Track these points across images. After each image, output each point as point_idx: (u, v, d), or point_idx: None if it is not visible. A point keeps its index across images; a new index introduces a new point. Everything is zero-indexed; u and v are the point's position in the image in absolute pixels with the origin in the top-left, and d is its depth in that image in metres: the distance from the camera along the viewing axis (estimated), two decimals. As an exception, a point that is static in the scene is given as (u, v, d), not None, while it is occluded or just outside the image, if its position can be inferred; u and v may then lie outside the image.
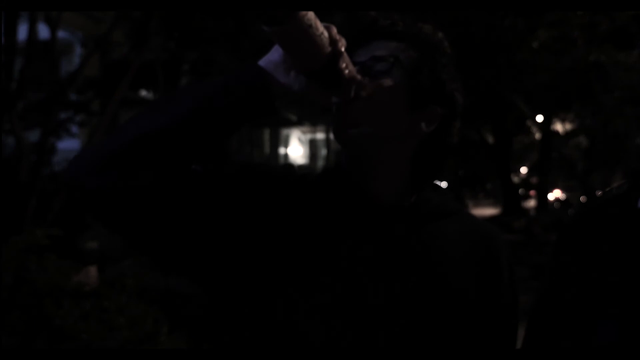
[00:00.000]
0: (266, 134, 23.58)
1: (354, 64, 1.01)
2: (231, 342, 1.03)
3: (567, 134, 24.78)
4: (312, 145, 28.37)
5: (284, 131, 25.54)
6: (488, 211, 26.96)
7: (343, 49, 0.96)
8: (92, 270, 3.94)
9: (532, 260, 12.26)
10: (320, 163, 25.67)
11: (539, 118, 21.57)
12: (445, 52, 1.10)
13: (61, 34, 7.65)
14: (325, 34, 0.95)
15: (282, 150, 25.71)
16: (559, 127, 24.12)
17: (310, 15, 0.93)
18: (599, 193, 1.18)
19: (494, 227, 1.16)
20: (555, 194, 29.65)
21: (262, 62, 0.98)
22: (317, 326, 0.98)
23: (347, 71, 0.97)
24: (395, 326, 1.01)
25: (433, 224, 1.09)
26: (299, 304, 0.98)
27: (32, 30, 6.08)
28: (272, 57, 0.98)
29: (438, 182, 1.18)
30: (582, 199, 22.76)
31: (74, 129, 9.27)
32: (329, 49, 0.94)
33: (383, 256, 1.03)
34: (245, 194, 1.02)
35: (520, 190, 27.05)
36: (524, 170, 34.78)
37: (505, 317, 1.11)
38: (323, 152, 26.15)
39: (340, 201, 1.05)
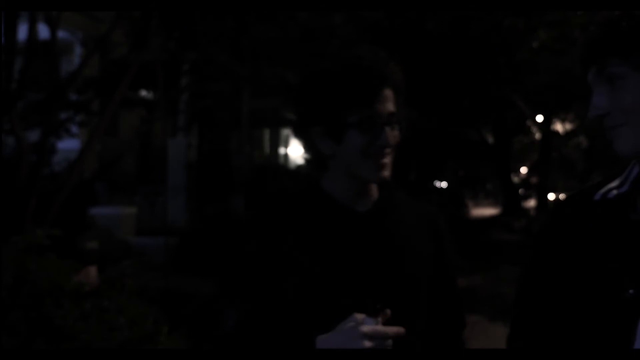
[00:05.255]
0: (266, 134, 23.57)
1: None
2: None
3: (567, 134, 24.77)
4: (312, 145, 28.28)
5: (284, 131, 25.52)
6: (488, 211, 26.98)
7: None
8: (92, 270, 3.93)
9: (532, 260, 12.17)
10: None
11: (539, 118, 21.57)
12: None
13: (61, 34, 7.64)
14: None
15: (282, 150, 25.69)
16: (559, 127, 24.12)
17: None
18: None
19: (432, 207, 1.58)
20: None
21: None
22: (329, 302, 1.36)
23: None
24: (384, 290, 1.39)
25: (392, 215, 1.47)
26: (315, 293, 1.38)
27: (32, 30, 6.08)
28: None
29: (438, 182, 1.40)
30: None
31: (74, 129, 9.25)
32: None
33: (366, 247, 1.41)
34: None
35: (520, 190, 27.04)
36: (524, 170, 34.80)
37: (452, 267, 1.54)
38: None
39: (326, 216, 1.43)
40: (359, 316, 1.27)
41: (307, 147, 1.46)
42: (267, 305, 1.37)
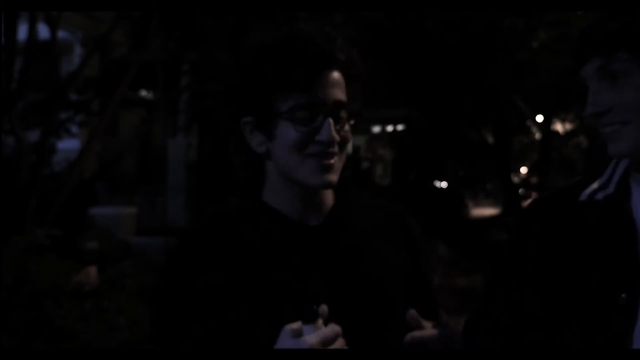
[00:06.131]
0: (266, 134, 23.58)
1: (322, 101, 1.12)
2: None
3: (567, 134, 24.77)
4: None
5: (284, 131, 25.53)
6: (488, 211, 26.97)
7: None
8: (92, 270, 3.94)
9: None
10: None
11: (539, 118, 21.57)
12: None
13: (61, 34, 7.63)
14: None
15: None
16: (559, 127, 24.11)
17: None
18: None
19: (398, 205, 1.32)
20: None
21: None
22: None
23: None
24: (344, 307, 1.12)
25: (351, 224, 1.21)
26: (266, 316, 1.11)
27: (32, 30, 6.08)
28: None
29: (438, 183, 1.31)
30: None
31: (74, 129, 9.25)
32: None
33: (319, 267, 1.15)
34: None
35: (520, 190, 27.06)
36: (524, 170, 34.81)
37: (427, 271, 1.31)
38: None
39: (271, 234, 1.16)
40: (294, 326, 1.01)
41: (240, 146, 1.19)
42: (202, 337, 1.11)
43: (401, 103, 17.53)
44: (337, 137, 1.12)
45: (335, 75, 1.13)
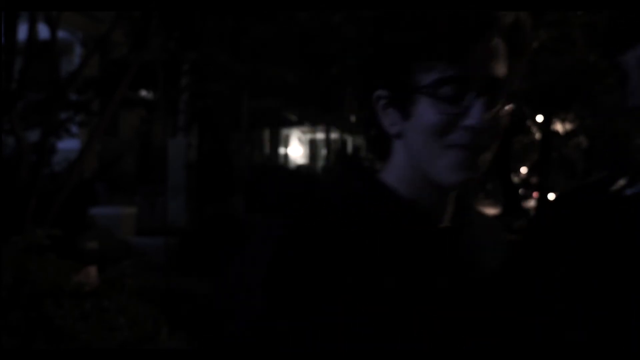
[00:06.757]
0: (266, 134, 23.59)
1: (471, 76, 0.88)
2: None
3: (567, 134, 24.78)
4: (312, 145, 28.38)
5: (284, 131, 25.54)
6: (488, 211, 26.95)
7: None
8: (92, 270, 3.93)
9: (532, 260, 12.25)
10: (321, 163, 25.69)
11: (539, 118, 21.58)
12: None
13: (61, 34, 7.64)
14: None
15: (282, 150, 25.71)
16: (559, 127, 24.12)
17: None
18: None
19: (494, 218, 1.18)
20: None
21: None
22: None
23: None
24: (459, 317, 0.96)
25: (469, 234, 1.04)
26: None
27: (32, 30, 6.08)
28: None
29: None
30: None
31: (74, 129, 9.26)
32: None
33: (443, 266, 0.96)
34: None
35: (521, 190, 27.07)
36: (524, 170, 34.82)
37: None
38: (323, 152, 26.18)
39: (394, 225, 0.95)
40: None
41: (369, 122, 0.97)
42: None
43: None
44: (486, 124, 0.88)
45: (496, 44, 0.90)
